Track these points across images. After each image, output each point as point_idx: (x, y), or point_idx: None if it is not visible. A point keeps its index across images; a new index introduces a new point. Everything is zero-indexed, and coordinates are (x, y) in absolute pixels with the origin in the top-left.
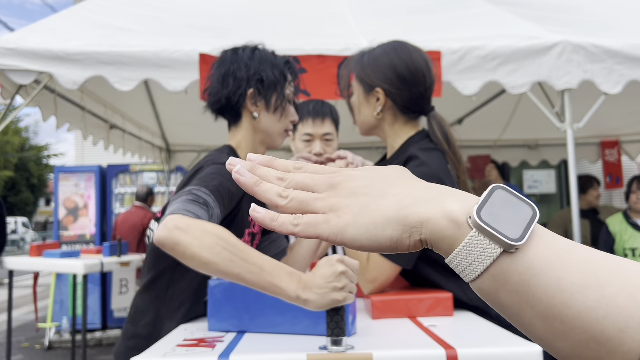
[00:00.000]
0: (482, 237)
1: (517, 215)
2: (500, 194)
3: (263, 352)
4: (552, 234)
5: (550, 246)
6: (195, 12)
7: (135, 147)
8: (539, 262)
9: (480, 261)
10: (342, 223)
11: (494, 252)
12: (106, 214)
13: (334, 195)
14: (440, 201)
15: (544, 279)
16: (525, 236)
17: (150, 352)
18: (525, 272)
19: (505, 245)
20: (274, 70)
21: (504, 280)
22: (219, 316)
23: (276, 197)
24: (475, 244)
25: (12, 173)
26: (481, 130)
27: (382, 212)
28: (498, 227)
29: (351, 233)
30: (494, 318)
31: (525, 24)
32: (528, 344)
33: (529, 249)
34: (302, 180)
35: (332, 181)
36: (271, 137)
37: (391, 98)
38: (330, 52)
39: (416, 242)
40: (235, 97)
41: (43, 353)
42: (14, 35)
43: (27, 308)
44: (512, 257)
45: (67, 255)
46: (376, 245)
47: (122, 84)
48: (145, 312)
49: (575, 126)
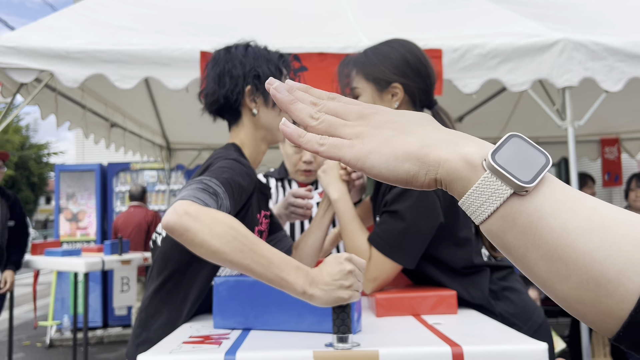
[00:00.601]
0: (495, 179)
1: (530, 161)
2: (516, 141)
3: (269, 349)
4: (563, 184)
5: (560, 191)
6: (195, 10)
7: (136, 146)
8: (548, 205)
9: (491, 202)
10: (366, 150)
11: (504, 193)
12: (107, 212)
13: (363, 125)
14: (460, 144)
15: (551, 221)
16: (536, 180)
17: (156, 350)
18: (534, 214)
19: (516, 187)
20: (270, 65)
21: (513, 221)
22: (224, 314)
23: (308, 117)
24: (488, 185)
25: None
26: (481, 129)
27: (405, 146)
28: (511, 170)
29: (372, 160)
30: (497, 316)
31: (526, 22)
32: (533, 342)
33: (539, 193)
34: (335, 107)
35: (362, 112)
36: (272, 133)
37: (408, 92)
38: (331, 50)
39: (431, 181)
40: (233, 96)
41: (44, 351)
42: (14, 33)
43: (28, 306)
44: (522, 199)
45: (68, 253)
46: (394, 176)
47: (122, 82)
48: (157, 317)
49: (576, 124)
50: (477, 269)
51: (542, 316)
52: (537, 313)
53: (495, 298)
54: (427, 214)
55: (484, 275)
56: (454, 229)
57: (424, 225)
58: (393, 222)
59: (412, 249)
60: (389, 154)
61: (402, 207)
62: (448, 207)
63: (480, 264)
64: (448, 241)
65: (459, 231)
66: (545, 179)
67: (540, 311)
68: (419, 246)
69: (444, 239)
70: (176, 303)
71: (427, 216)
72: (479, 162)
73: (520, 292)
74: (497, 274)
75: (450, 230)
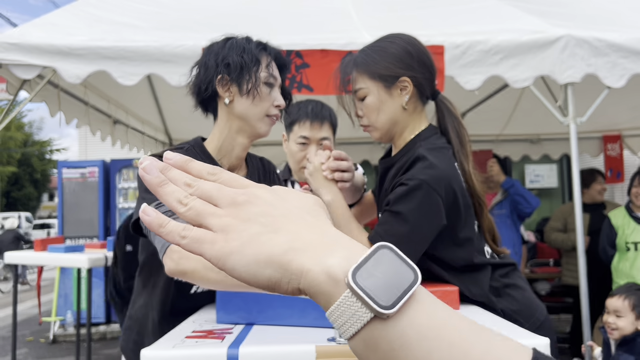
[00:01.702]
0: (355, 300)
1: (397, 279)
2: (384, 254)
3: (272, 344)
4: (431, 302)
5: (425, 315)
6: (197, 7)
7: (139, 142)
8: (412, 332)
9: (351, 323)
10: (227, 249)
11: (364, 317)
12: (110, 208)
13: (232, 215)
14: (326, 254)
15: (414, 351)
16: (397, 305)
17: (159, 344)
18: (396, 342)
19: (376, 312)
20: (244, 55)
21: (374, 346)
22: (227, 308)
23: (175, 203)
24: (349, 305)
25: (16, 168)
26: (483, 125)
27: (268, 250)
28: (372, 291)
29: (232, 262)
30: (499, 313)
31: (528, 18)
32: (536, 337)
33: (404, 317)
34: (209, 190)
35: (235, 199)
36: (249, 124)
37: (417, 84)
38: (334, 46)
39: (294, 290)
40: (204, 85)
41: (47, 347)
42: (17, 30)
43: (31, 302)
44: (384, 323)
45: (71, 249)
46: (254, 282)
47: (125, 78)
48: (138, 297)
49: (579, 120)
50: (478, 267)
51: (544, 313)
52: (540, 310)
53: (497, 295)
54: (430, 217)
55: (485, 273)
56: (455, 230)
57: (426, 227)
58: (395, 223)
59: (413, 250)
60: (250, 257)
61: (405, 208)
62: (450, 208)
63: (480, 263)
64: (449, 241)
65: (460, 232)
66: (413, 298)
67: (543, 308)
68: (419, 247)
69: (444, 239)
70: (148, 288)
71: (430, 218)
72: (341, 278)
73: (523, 289)
74: (499, 271)
75: (451, 230)
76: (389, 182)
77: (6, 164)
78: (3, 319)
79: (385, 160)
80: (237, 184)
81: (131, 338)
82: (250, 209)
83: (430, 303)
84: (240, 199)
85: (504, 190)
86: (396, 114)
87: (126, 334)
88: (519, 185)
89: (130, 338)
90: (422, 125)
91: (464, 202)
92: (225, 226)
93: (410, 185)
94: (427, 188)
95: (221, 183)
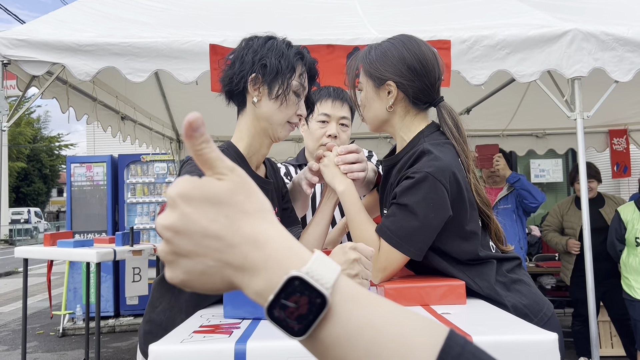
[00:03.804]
0: (275, 325)
1: (307, 307)
2: (295, 285)
3: (280, 339)
4: (351, 307)
5: (340, 325)
6: (205, 3)
7: (147, 138)
8: (328, 341)
9: (281, 335)
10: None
11: (284, 336)
12: (118, 203)
13: (171, 253)
14: (252, 277)
15: (330, 356)
16: (307, 332)
17: (167, 339)
18: (315, 350)
19: (290, 337)
20: (282, 60)
21: (306, 348)
22: (234, 303)
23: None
24: (273, 325)
25: (25, 164)
26: (489, 120)
27: (212, 285)
28: (286, 321)
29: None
30: (509, 308)
31: (535, 13)
32: (543, 332)
33: (320, 331)
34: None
35: (163, 235)
36: (272, 127)
37: (403, 90)
38: (340, 42)
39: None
40: (236, 79)
41: (57, 340)
42: (26, 26)
43: (41, 296)
44: (304, 341)
45: (80, 244)
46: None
47: (134, 75)
48: (160, 300)
49: (585, 115)
50: (483, 260)
51: (551, 309)
52: (547, 306)
53: (506, 290)
54: (436, 208)
55: (490, 267)
56: (461, 223)
57: (433, 218)
58: (402, 215)
59: (420, 241)
60: (198, 285)
61: (411, 200)
62: (455, 200)
63: (486, 256)
64: (455, 234)
65: (466, 225)
66: (333, 308)
67: (550, 305)
68: (427, 239)
69: (450, 232)
70: (174, 292)
71: (436, 210)
72: (265, 304)
73: (529, 285)
74: (505, 266)
75: (457, 223)
76: (394, 177)
77: (16, 160)
78: (14, 312)
79: (389, 159)
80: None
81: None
82: (179, 244)
83: (346, 312)
84: (165, 235)
85: (509, 185)
86: (382, 114)
87: (147, 338)
88: (524, 179)
89: (152, 343)
90: (421, 126)
91: (468, 196)
92: (169, 261)
93: (417, 177)
94: (433, 180)
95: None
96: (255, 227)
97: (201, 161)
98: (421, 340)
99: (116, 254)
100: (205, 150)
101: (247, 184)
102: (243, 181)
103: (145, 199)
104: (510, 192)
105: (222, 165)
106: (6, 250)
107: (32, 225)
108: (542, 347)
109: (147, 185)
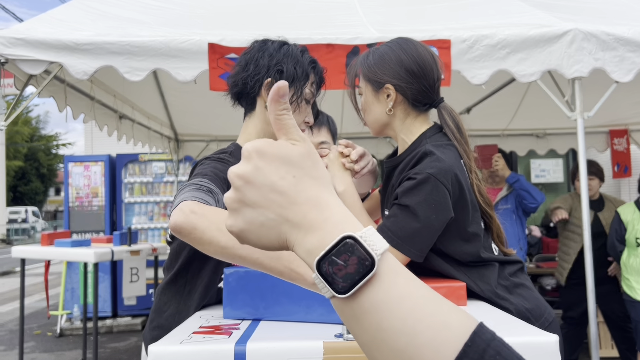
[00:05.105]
0: (319, 280)
1: (355, 266)
2: (348, 243)
3: (279, 340)
4: (394, 277)
5: (383, 291)
6: (203, 2)
7: (145, 137)
8: (367, 305)
9: (323, 293)
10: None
11: (327, 293)
12: (116, 203)
13: (237, 201)
14: (306, 235)
15: (368, 320)
16: (350, 291)
17: (167, 340)
18: (349, 312)
19: (332, 295)
20: (297, 67)
21: (340, 311)
22: (234, 304)
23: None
24: (318, 281)
25: (22, 163)
26: (489, 120)
27: (267, 237)
28: (331, 277)
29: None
30: (511, 311)
31: (535, 12)
32: (545, 334)
33: (362, 294)
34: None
35: (234, 183)
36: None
37: (402, 93)
38: (339, 41)
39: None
40: (251, 82)
41: (55, 340)
42: (23, 25)
43: (38, 296)
44: (344, 301)
45: (78, 244)
46: (262, 247)
47: (132, 74)
48: (168, 305)
49: (586, 115)
50: (485, 262)
51: (552, 314)
52: (548, 310)
53: (508, 293)
54: (438, 209)
55: (492, 270)
56: (463, 224)
57: (434, 220)
58: (403, 216)
59: (421, 243)
60: (255, 237)
61: (413, 201)
62: (457, 202)
63: (488, 259)
64: (456, 236)
65: (468, 226)
66: (377, 274)
67: (551, 310)
68: (428, 241)
69: (452, 234)
70: (183, 296)
71: (437, 211)
72: (315, 258)
73: (531, 289)
74: (507, 270)
75: (458, 225)
76: (396, 178)
77: (13, 159)
78: (11, 312)
79: (391, 160)
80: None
81: None
82: (247, 195)
83: (390, 279)
84: (236, 183)
85: (509, 185)
86: (382, 117)
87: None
88: (524, 180)
89: None
90: (422, 127)
91: (470, 197)
92: (234, 209)
93: (418, 178)
94: (434, 181)
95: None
96: (318, 191)
97: (279, 126)
98: (456, 323)
99: (114, 254)
100: (285, 116)
101: (315, 154)
102: (313, 151)
103: (143, 198)
104: (510, 193)
105: (297, 133)
106: (3, 250)
107: (30, 225)
108: (543, 348)
109: (145, 185)
